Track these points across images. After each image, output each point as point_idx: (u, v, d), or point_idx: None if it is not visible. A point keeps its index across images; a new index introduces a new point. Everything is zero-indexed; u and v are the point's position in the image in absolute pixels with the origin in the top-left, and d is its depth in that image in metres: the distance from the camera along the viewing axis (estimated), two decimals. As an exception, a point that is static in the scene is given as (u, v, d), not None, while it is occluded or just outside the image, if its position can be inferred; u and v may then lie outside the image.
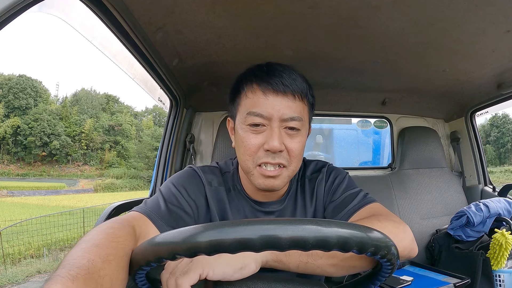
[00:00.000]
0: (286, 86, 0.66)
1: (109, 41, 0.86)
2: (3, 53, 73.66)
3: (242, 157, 0.69)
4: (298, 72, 0.70)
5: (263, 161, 0.67)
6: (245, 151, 0.68)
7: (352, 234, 0.37)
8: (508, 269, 1.26)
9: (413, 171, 1.75)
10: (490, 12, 0.86)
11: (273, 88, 0.65)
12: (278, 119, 0.66)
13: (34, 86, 42.73)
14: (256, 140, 0.66)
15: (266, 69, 0.68)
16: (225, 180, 0.78)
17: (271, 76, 0.66)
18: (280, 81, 0.65)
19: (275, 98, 0.66)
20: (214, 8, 0.84)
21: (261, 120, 0.66)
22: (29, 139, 39.73)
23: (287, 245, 0.36)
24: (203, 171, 0.77)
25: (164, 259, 0.39)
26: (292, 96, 0.66)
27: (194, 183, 0.74)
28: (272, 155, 0.66)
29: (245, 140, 0.67)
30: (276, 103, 0.65)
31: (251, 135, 0.67)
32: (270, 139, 0.65)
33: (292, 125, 0.67)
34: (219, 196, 0.76)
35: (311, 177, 0.81)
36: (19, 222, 8.51)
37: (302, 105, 0.69)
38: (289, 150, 0.67)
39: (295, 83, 0.67)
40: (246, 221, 0.37)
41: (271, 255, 0.52)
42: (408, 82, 1.51)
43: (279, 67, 0.68)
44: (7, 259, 6.78)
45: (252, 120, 0.66)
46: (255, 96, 0.67)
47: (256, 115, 0.66)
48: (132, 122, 48.80)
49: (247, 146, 0.67)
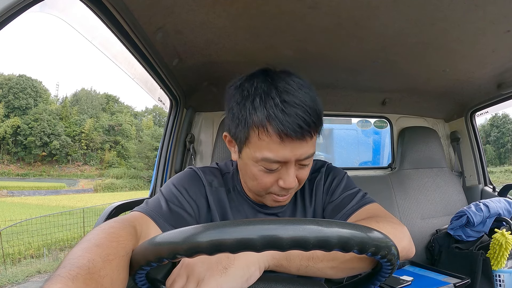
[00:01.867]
0: (305, 129, 0.59)
1: (109, 41, 0.86)
2: (3, 53, 73.70)
3: (252, 186, 0.69)
4: (311, 84, 0.64)
5: (276, 193, 0.67)
6: (257, 185, 0.67)
7: (353, 234, 0.37)
8: (508, 269, 1.26)
9: (413, 171, 1.75)
10: (490, 12, 0.86)
11: (292, 134, 0.58)
12: (294, 161, 0.63)
13: (34, 86, 42.74)
14: (270, 179, 0.65)
15: (280, 103, 0.58)
16: (225, 181, 0.78)
17: (289, 116, 0.57)
18: (298, 124, 0.58)
19: (293, 144, 0.59)
20: (214, 8, 0.84)
21: (277, 165, 0.63)
22: (29, 139, 39.73)
23: (288, 245, 0.36)
24: (203, 172, 0.76)
25: (164, 259, 0.39)
26: (310, 137, 0.61)
27: (194, 184, 0.74)
28: (286, 189, 0.66)
29: (258, 177, 0.65)
30: (294, 147, 0.60)
31: (265, 174, 0.64)
32: (286, 179, 0.63)
33: (306, 163, 0.65)
34: (219, 197, 0.75)
35: (311, 177, 0.80)
36: (19, 222, 8.51)
37: (315, 138, 0.64)
38: (300, 179, 0.67)
39: (313, 121, 0.59)
40: (247, 221, 0.37)
41: (273, 260, 0.52)
42: (408, 82, 1.51)
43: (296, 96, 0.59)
44: (7, 259, 6.78)
45: (267, 165, 0.62)
46: (270, 140, 0.59)
47: (273, 161, 0.61)
48: (132, 122, 48.82)
49: (260, 183, 0.66)
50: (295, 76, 0.64)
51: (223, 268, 0.46)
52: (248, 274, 0.48)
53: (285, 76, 0.62)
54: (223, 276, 0.46)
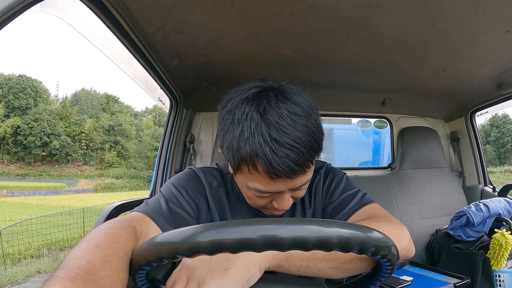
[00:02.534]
0: (297, 170, 0.55)
1: (109, 41, 0.86)
2: (3, 53, 73.71)
3: (248, 200, 0.69)
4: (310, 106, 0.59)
5: (272, 209, 0.67)
6: (252, 203, 0.68)
7: (353, 234, 0.37)
8: (508, 269, 1.26)
9: (413, 171, 1.75)
10: (490, 12, 0.86)
11: (283, 175, 0.55)
12: (288, 190, 0.62)
13: (34, 86, 42.73)
14: (264, 201, 0.64)
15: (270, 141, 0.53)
16: (225, 182, 0.78)
17: (278, 157, 0.54)
18: (289, 166, 0.54)
19: (285, 180, 0.57)
20: (214, 8, 0.84)
21: (270, 195, 0.62)
22: (29, 139, 39.72)
23: (288, 245, 0.36)
24: (203, 172, 0.76)
25: (164, 259, 0.39)
26: (303, 173, 0.58)
27: (194, 184, 0.74)
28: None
29: (252, 199, 0.65)
30: (287, 182, 0.58)
31: (258, 198, 0.64)
32: (280, 203, 0.63)
33: (302, 188, 0.63)
34: (219, 197, 0.76)
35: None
36: (19, 222, 8.51)
37: (313, 165, 0.62)
38: (296, 198, 0.67)
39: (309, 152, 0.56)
40: (247, 221, 0.37)
41: (273, 261, 0.52)
42: (408, 82, 1.51)
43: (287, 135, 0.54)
44: (7, 259, 6.78)
45: (259, 194, 0.62)
46: (261, 177, 0.57)
47: (265, 192, 0.61)
48: (132, 122, 48.80)
49: (254, 203, 0.66)
50: (292, 100, 0.57)
51: (224, 269, 0.47)
52: (248, 275, 0.48)
53: (281, 102, 0.56)
54: (224, 278, 0.46)
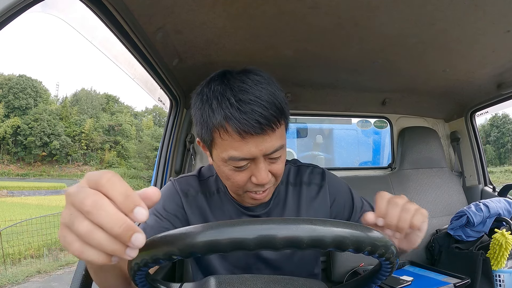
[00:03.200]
0: (264, 124, 0.58)
1: (109, 41, 0.85)
2: (3, 53, 73.70)
3: (228, 186, 0.70)
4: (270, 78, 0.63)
5: (252, 190, 0.67)
6: (232, 184, 0.67)
7: (348, 233, 0.37)
8: (508, 269, 1.26)
9: (413, 171, 1.75)
10: (490, 12, 0.86)
11: (252, 131, 0.58)
12: (262, 156, 0.62)
13: (34, 86, 42.73)
14: (242, 177, 0.64)
15: (235, 102, 0.58)
16: (207, 185, 0.79)
17: (243, 113, 0.57)
18: (256, 120, 0.57)
19: (255, 139, 0.59)
20: (214, 8, 0.84)
21: (245, 162, 0.62)
22: (29, 139, 39.73)
23: (282, 245, 0.36)
24: (179, 183, 0.79)
25: (161, 260, 0.39)
26: (271, 130, 0.60)
27: (171, 198, 0.77)
28: (261, 186, 0.65)
29: (230, 177, 0.65)
30: (257, 143, 0.60)
31: (236, 173, 0.64)
32: (257, 175, 0.63)
33: (275, 156, 0.63)
34: (197, 204, 0.77)
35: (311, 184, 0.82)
36: (19, 222, 8.51)
37: (282, 128, 0.64)
38: (274, 174, 0.66)
39: (271, 113, 0.59)
40: (241, 221, 0.37)
41: None
42: (408, 82, 1.51)
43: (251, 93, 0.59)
44: (7, 259, 6.78)
45: (235, 163, 0.62)
46: (232, 139, 0.60)
47: (239, 159, 0.61)
48: (132, 122, 48.80)
49: (234, 182, 0.66)
50: (254, 73, 0.63)
51: None
52: None
53: (242, 75, 0.62)
54: None
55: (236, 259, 0.78)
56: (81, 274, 0.61)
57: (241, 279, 0.53)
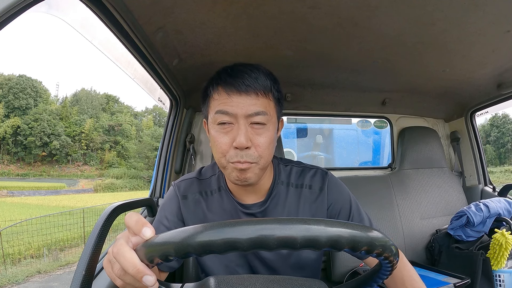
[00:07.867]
0: (248, 85, 0.68)
1: (109, 41, 0.85)
2: (3, 53, 73.65)
3: (216, 156, 0.73)
4: (264, 69, 0.73)
5: (234, 160, 0.69)
6: (218, 150, 0.71)
7: (343, 232, 0.37)
8: (508, 269, 1.26)
9: (413, 171, 1.75)
10: (490, 12, 0.86)
11: (236, 88, 0.68)
12: (243, 116, 0.68)
13: (34, 86, 42.74)
14: (225, 139, 0.69)
15: (230, 71, 0.71)
16: (207, 185, 0.83)
17: (233, 77, 0.69)
18: (242, 81, 0.69)
19: (239, 98, 0.69)
20: (214, 8, 0.84)
21: (228, 118, 0.69)
22: (29, 139, 39.72)
23: (275, 245, 0.36)
24: (178, 187, 0.84)
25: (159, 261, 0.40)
26: (255, 94, 0.69)
27: (172, 202, 0.83)
28: (241, 154, 0.68)
29: (217, 139, 0.70)
30: (240, 101, 0.68)
31: (221, 134, 0.70)
32: (237, 136, 0.68)
33: (257, 120, 0.69)
34: (195, 205, 0.81)
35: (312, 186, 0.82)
36: (19, 222, 8.51)
37: (267, 101, 0.71)
38: (256, 146, 0.69)
39: (257, 81, 0.70)
40: (234, 222, 0.37)
41: None
42: (408, 82, 1.51)
43: (243, 67, 0.71)
44: (7, 259, 6.78)
45: (220, 118, 0.69)
46: (221, 97, 0.70)
47: (222, 113, 0.69)
48: (132, 122, 48.81)
49: (219, 145, 0.70)
50: (254, 65, 0.73)
51: None
52: None
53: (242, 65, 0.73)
54: None
55: (237, 259, 0.78)
56: (81, 274, 0.61)
57: (241, 279, 0.53)
